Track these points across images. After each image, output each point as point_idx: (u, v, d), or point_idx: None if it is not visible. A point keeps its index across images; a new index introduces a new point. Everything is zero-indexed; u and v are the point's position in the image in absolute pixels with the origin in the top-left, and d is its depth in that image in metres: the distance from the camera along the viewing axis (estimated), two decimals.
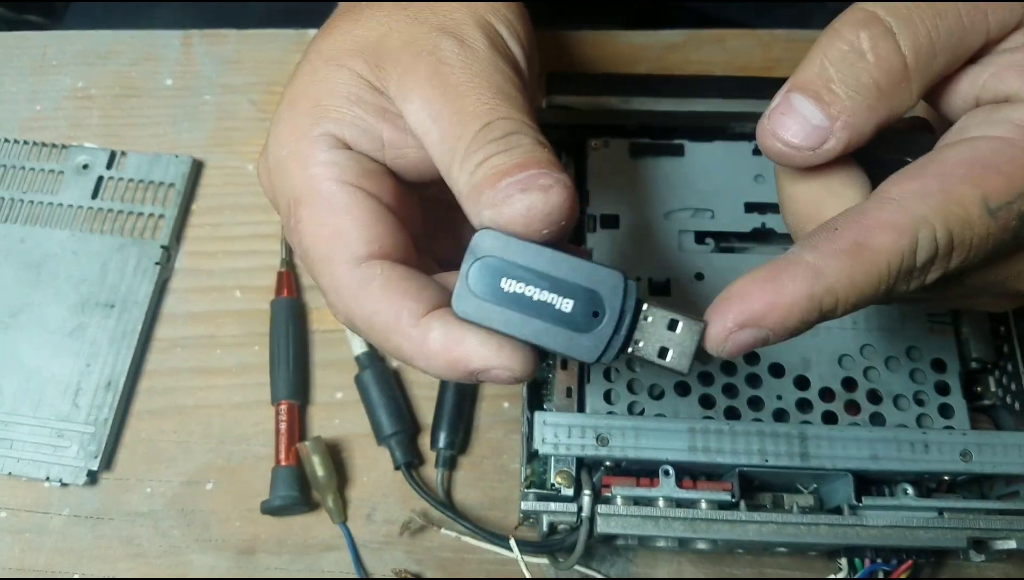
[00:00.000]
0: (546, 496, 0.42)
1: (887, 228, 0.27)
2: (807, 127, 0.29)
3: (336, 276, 0.31)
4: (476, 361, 0.29)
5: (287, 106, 0.34)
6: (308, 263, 0.32)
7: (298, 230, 0.32)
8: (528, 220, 0.28)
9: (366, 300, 0.30)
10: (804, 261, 0.28)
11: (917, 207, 0.28)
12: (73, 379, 0.50)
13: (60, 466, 0.48)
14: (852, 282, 0.27)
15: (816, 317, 0.28)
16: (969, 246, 0.28)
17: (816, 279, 0.27)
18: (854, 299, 0.28)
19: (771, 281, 0.28)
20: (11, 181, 0.56)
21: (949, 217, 0.28)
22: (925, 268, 0.28)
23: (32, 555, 0.48)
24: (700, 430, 0.41)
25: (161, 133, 0.59)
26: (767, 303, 0.27)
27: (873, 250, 0.27)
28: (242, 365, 0.52)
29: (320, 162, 0.32)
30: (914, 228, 0.27)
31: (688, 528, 0.41)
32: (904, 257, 0.28)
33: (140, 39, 0.62)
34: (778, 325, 0.27)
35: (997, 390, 0.47)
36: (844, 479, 0.42)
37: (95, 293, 0.53)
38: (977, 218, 0.28)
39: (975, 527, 0.41)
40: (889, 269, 0.28)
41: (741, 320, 0.28)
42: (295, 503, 0.47)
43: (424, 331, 0.29)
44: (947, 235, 0.28)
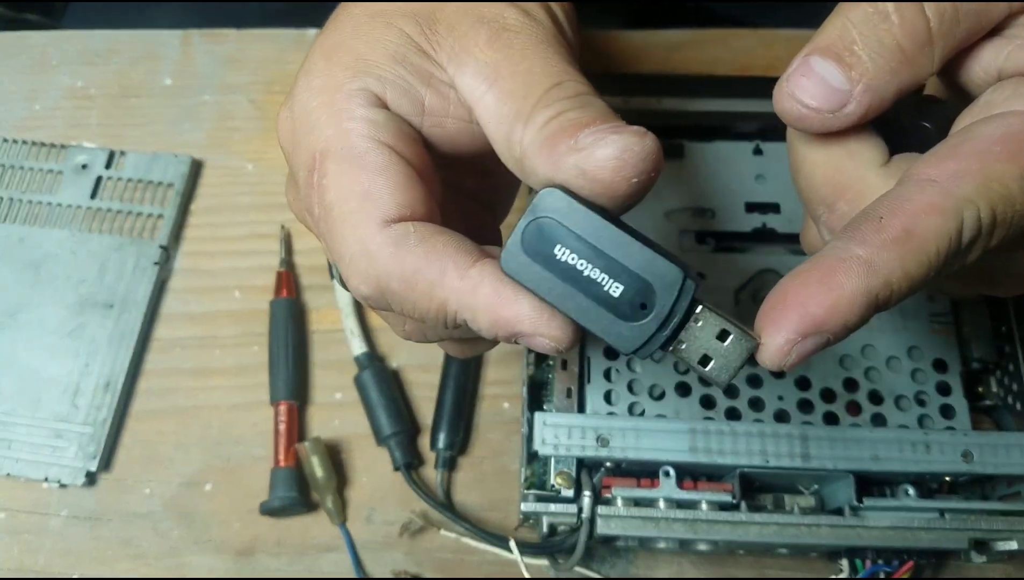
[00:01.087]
0: (546, 497, 0.42)
1: (933, 212, 0.27)
2: (827, 89, 0.28)
3: (367, 237, 0.28)
4: (525, 325, 0.28)
5: (322, 56, 0.32)
6: (328, 222, 0.29)
7: (321, 185, 0.29)
8: (621, 163, 0.26)
9: (405, 257, 0.28)
10: (856, 256, 0.26)
11: (960, 188, 0.27)
12: (72, 379, 0.50)
13: (59, 467, 0.48)
14: (905, 271, 0.27)
15: (872, 312, 0.27)
16: (1010, 223, 0.28)
17: (872, 274, 0.26)
18: (907, 288, 0.27)
19: (826, 282, 0.26)
20: (10, 181, 0.56)
21: (992, 196, 0.27)
22: (969, 248, 0.28)
23: (31, 556, 0.47)
24: (701, 431, 0.41)
25: (160, 133, 0.59)
26: (827, 307, 0.26)
27: (922, 237, 0.27)
28: (241, 366, 0.52)
29: (357, 117, 0.30)
30: (959, 210, 0.27)
31: (689, 529, 0.41)
32: (952, 239, 0.27)
33: (139, 38, 0.62)
34: (839, 327, 0.26)
35: (999, 390, 0.47)
36: (845, 480, 0.41)
37: (94, 293, 0.52)
38: (1019, 194, 0.27)
39: (976, 528, 0.41)
40: (939, 253, 0.27)
41: (803, 329, 0.26)
42: (294, 504, 0.47)
43: (473, 283, 0.28)
44: (991, 214, 0.27)
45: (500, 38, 0.30)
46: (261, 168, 0.58)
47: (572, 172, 0.27)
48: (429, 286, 0.28)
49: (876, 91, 0.28)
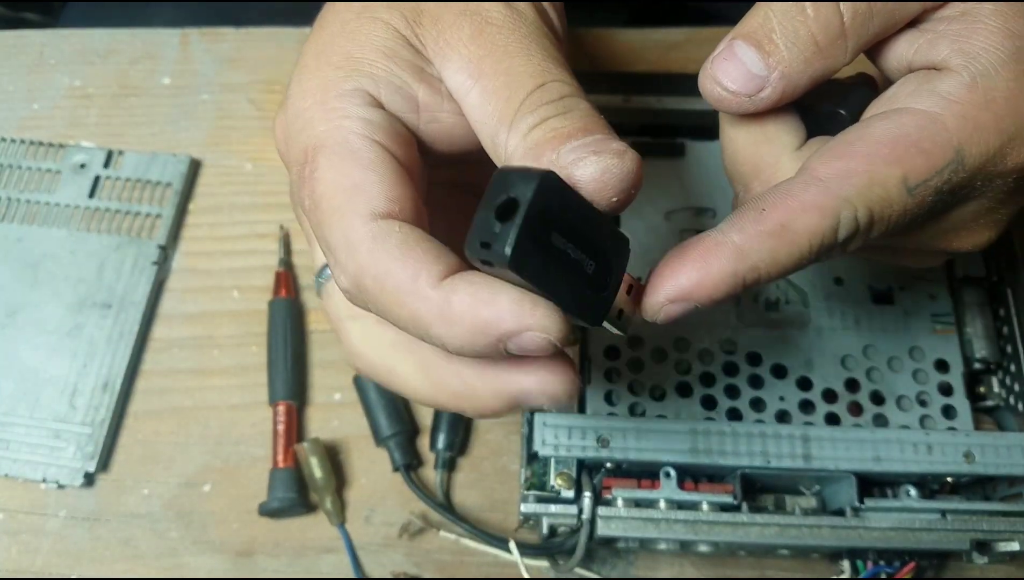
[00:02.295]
0: (546, 498, 0.42)
1: (811, 210, 0.29)
2: (746, 74, 0.30)
3: (350, 229, 0.28)
4: (510, 321, 0.26)
5: (313, 57, 0.32)
6: (318, 215, 0.29)
7: (312, 178, 0.29)
8: (601, 184, 0.27)
9: (381, 256, 0.27)
10: (731, 242, 0.29)
11: (841, 189, 0.29)
12: (70, 380, 0.50)
13: (57, 467, 0.48)
14: (775, 259, 0.29)
15: (740, 289, 0.29)
16: (887, 222, 0.30)
17: (741, 259, 0.29)
18: (776, 273, 0.29)
19: (699, 261, 0.29)
20: (8, 180, 0.56)
21: (871, 198, 0.29)
22: (845, 244, 0.30)
23: (29, 557, 0.47)
24: (702, 431, 0.41)
25: (159, 132, 0.59)
26: (695, 281, 0.29)
27: (796, 232, 0.29)
28: (240, 366, 0.52)
29: (351, 116, 0.30)
30: (837, 210, 0.29)
31: (690, 530, 0.41)
32: (825, 236, 0.29)
33: (138, 38, 0.62)
34: (704, 298, 0.29)
35: (1000, 391, 0.47)
36: (847, 481, 0.41)
37: (92, 293, 0.52)
38: (896, 197, 0.29)
39: (978, 529, 0.41)
40: (811, 248, 0.29)
41: (672, 295, 0.29)
42: (293, 505, 0.47)
43: (447, 292, 0.27)
44: (868, 215, 0.29)
45: (483, 33, 0.30)
46: (260, 168, 0.58)
47: None
48: (398, 291, 0.27)
49: (790, 79, 0.30)
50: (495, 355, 0.27)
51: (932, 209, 0.31)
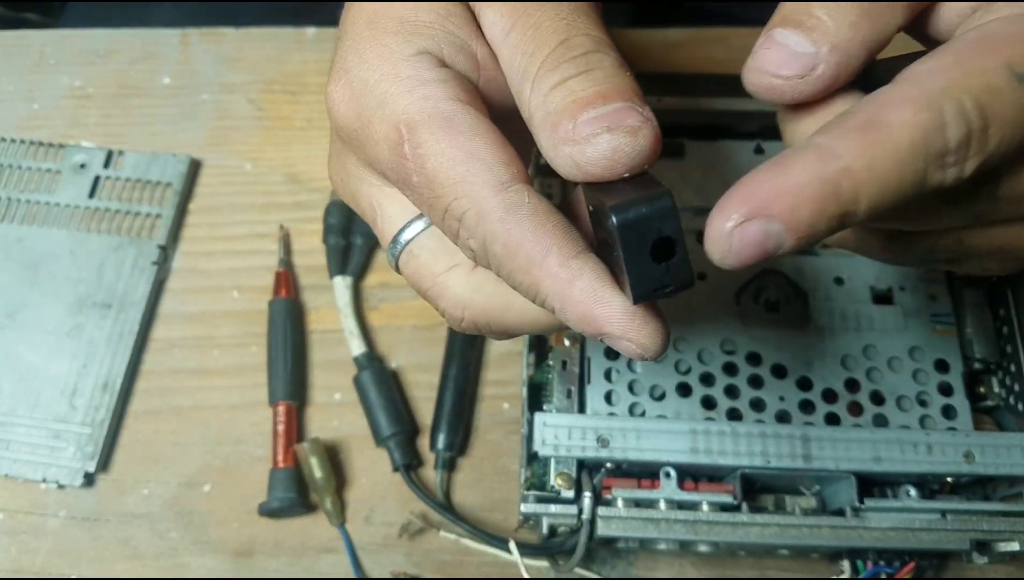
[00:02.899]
0: (546, 498, 0.42)
1: (903, 103, 0.25)
2: (793, 56, 0.27)
3: (480, 199, 0.28)
4: (615, 327, 0.27)
5: (365, 27, 0.30)
6: (435, 189, 0.28)
7: (417, 156, 0.28)
8: (611, 163, 0.26)
9: (513, 228, 0.27)
10: (814, 143, 0.25)
11: (935, 80, 0.25)
12: (70, 380, 0.50)
13: (57, 467, 0.48)
14: (871, 163, 0.24)
15: (835, 207, 0.24)
16: (1004, 120, 0.25)
17: (828, 159, 0.24)
18: (877, 185, 0.25)
19: (778, 166, 0.25)
20: (8, 180, 0.56)
21: (972, 87, 0.25)
22: (961, 149, 0.25)
23: (28, 557, 0.47)
24: (702, 431, 0.41)
25: (159, 132, 0.59)
26: (774, 188, 0.24)
27: (890, 126, 0.24)
28: (240, 366, 0.52)
29: (430, 80, 0.29)
30: (934, 101, 0.25)
31: (690, 530, 0.41)
32: (928, 133, 0.25)
33: (138, 38, 0.62)
34: (789, 214, 0.24)
35: (1000, 391, 0.47)
36: (847, 481, 0.41)
37: (92, 293, 0.52)
38: (1005, 85, 0.25)
39: (978, 529, 0.41)
40: (913, 147, 0.24)
41: (745, 210, 0.24)
42: (293, 505, 0.47)
43: (572, 274, 0.27)
44: (976, 107, 0.25)
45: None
46: (260, 168, 0.58)
47: (567, 162, 0.27)
48: (528, 262, 0.28)
49: (843, 49, 0.27)
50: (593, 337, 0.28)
51: None
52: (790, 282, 0.47)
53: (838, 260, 0.47)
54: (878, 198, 0.25)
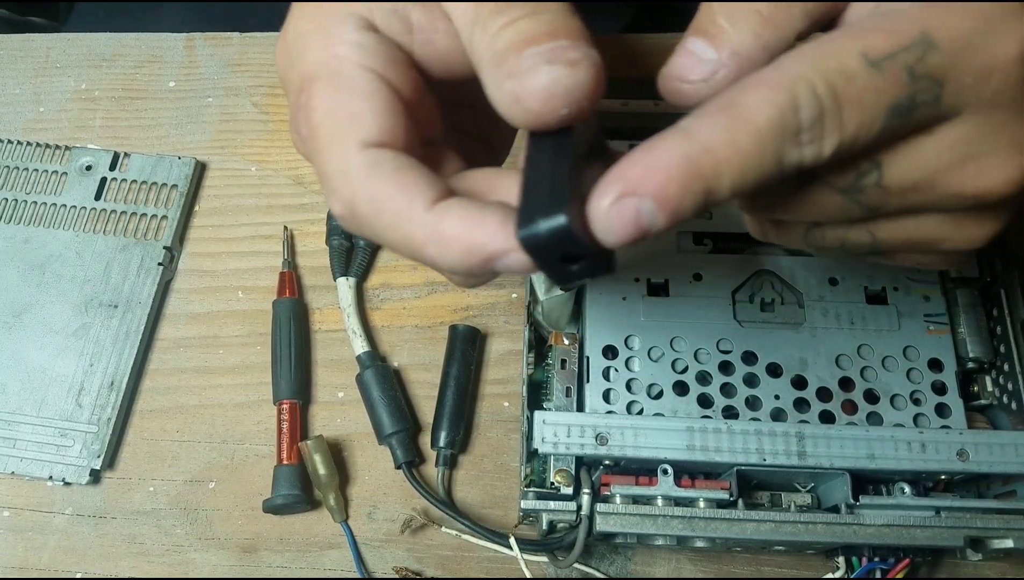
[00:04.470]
0: (546, 495, 0.43)
1: (760, 85, 0.27)
2: (699, 62, 0.29)
3: (345, 156, 0.29)
4: (498, 242, 0.27)
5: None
6: (313, 143, 0.30)
7: (308, 106, 0.30)
8: (550, 96, 0.27)
9: (377, 183, 0.28)
10: (681, 126, 0.27)
11: (792, 65, 0.27)
12: (77, 379, 0.51)
13: (63, 465, 0.49)
14: (730, 141, 0.26)
15: (699, 183, 0.26)
16: (859, 103, 0.27)
17: (690, 138, 0.26)
18: (737, 162, 0.26)
19: (648, 148, 0.26)
20: (15, 182, 0.56)
21: (827, 70, 0.26)
22: (815, 128, 0.27)
23: (35, 554, 0.48)
24: (698, 429, 0.42)
25: (164, 135, 0.59)
26: (643, 167, 0.26)
27: (748, 107, 0.26)
28: (244, 365, 0.52)
29: (346, 42, 0.30)
30: (789, 84, 0.26)
31: (686, 527, 0.41)
32: (784, 113, 0.26)
33: (143, 41, 0.62)
34: (659, 192, 0.25)
35: (994, 390, 0.47)
36: (841, 478, 0.42)
37: (99, 293, 0.53)
38: (859, 70, 0.27)
39: (972, 526, 0.41)
40: (769, 126, 0.26)
41: (619, 189, 0.26)
42: (297, 502, 0.48)
43: (439, 215, 0.28)
44: (828, 89, 0.26)
45: None
46: (264, 170, 0.58)
47: (508, 99, 0.27)
48: (395, 215, 0.28)
49: (743, 54, 0.28)
50: (485, 274, 0.29)
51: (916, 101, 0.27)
52: (785, 282, 0.47)
53: (833, 261, 0.48)
54: (740, 175, 0.26)
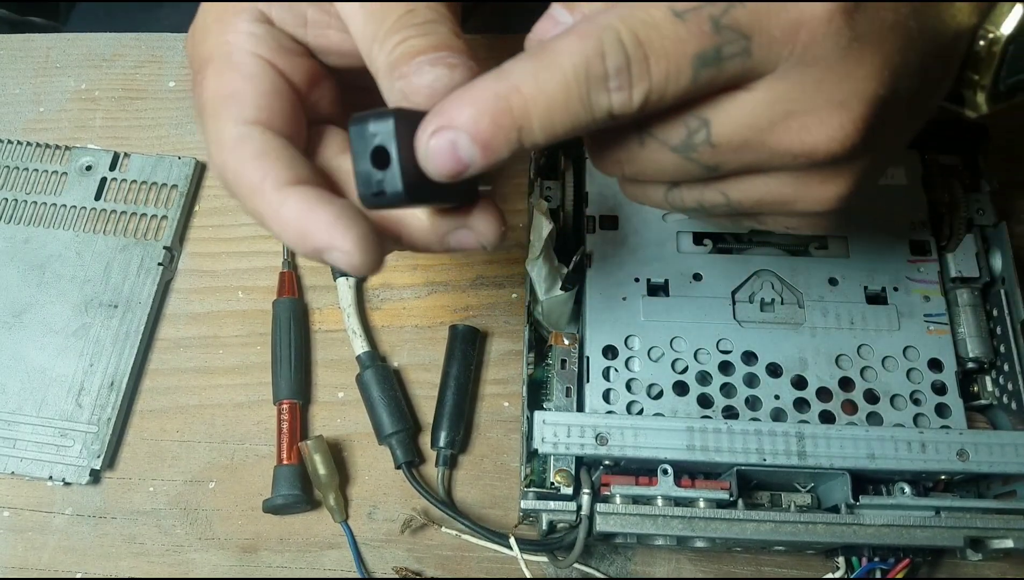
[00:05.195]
0: (546, 495, 0.43)
1: (570, 34, 0.28)
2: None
3: (220, 130, 0.32)
4: (321, 238, 0.30)
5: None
6: (201, 117, 0.33)
7: (200, 85, 0.33)
8: (432, 91, 0.29)
9: (239, 157, 0.31)
10: (497, 68, 0.28)
11: (601, 17, 0.28)
12: (76, 379, 0.51)
13: (63, 465, 0.49)
14: (537, 84, 0.28)
15: (509, 120, 0.28)
16: (664, 52, 0.28)
17: (502, 78, 0.28)
18: (544, 103, 0.28)
19: (465, 88, 0.28)
20: (15, 182, 0.56)
21: (633, 21, 0.28)
22: (621, 75, 0.28)
23: (35, 554, 0.48)
24: (698, 429, 0.42)
25: (164, 135, 0.59)
26: (458, 101, 0.28)
27: (555, 52, 0.28)
28: (244, 365, 0.52)
29: (239, 31, 0.33)
30: (597, 33, 0.28)
31: (686, 527, 0.41)
32: (588, 59, 0.28)
33: (143, 41, 0.63)
34: (471, 126, 0.28)
35: (994, 390, 0.47)
36: (841, 478, 0.42)
37: (99, 293, 0.53)
38: (663, 21, 0.28)
39: (972, 526, 0.41)
40: (574, 70, 0.28)
41: (437, 122, 0.28)
42: (297, 502, 0.48)
43: (283, 198, 0.30)
44: (633, 38, 0.28)
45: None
46: None
47: (398, 97, 0.30)
48: (250, 189, 0.31)
49: None
50: (320, 260, 0.31)
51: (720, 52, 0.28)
52: (785, 282, 0.47)
53: (832, 261, 0.48)
54: (547, 116, 0.28)
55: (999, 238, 0.49)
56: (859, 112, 0.30)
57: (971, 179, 0.50)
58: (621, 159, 0.33)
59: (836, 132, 0.30)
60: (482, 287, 0.54)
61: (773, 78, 0.29)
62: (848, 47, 0.29)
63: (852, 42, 0.28)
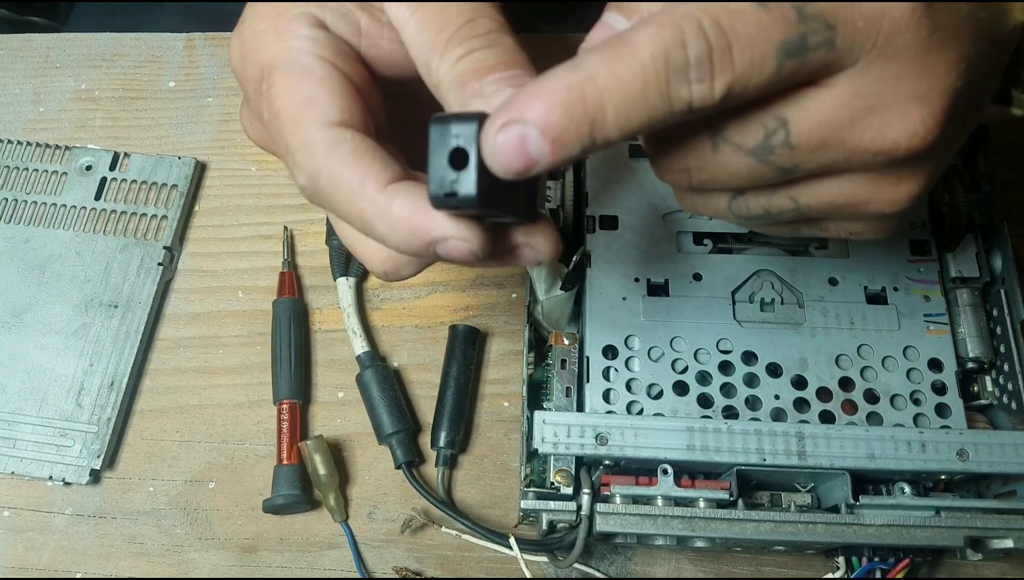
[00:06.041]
0: (546, 495, 0.43)
1: (648, 24, 0.27)
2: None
3: (307, 135, 0.31)
4: (439, 228, 0.29)
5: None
6: (277, 125, 0.32)
7: (269, 94, 0.32)
8: None
9: (335, 161, 0.31)
10: (570, 60, 0.27)
11: (680, 5, 0.27)
12: (77, 379, 0.51)
13: (63, 465, 0.49)
14: (614, 74, 0.26)
15: (582, 113, 0.26)
16: (747, 40, 0.27)
17: (576, 70, 0.27)
18: (621, 94, 0.27)
19: (536, 81, 0.27)
20: (15, 182, 0.56)
21: (715, 9, 0.27)
22: (703, 64, 0.27)
23: (35, 554, 0.48)
24: (698, 429, 0.42)
25: (164, 135, 0.59)
26: (529, 95, 0.27)
27: (632, 43, 0.27)
28: (244, 365, 0.52)
29: (300, 36, 0.33)
30: (676, 21, 0.27)
31: (686, 527, 0.41)
32: (668, 48, 0.26)
33: (143, 41, 0.63)
34: (541, 118, 0.26)
35: (994, 390, 0.47)
36: (841, 478, 0.42)
37: (99, 293, 0.53)
38: (747, 8, 0.27)
39: (972, 526, 0.41)
40: (653, 60, 0.26)
41: (506, 116, 0.27)
42: (297, 502, 0.48)
43: (390, 197, 0.30)
44: (716, 26, 0.27)
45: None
46: (264, 170, 0.58)
47: None
48: (350, 192, 0.31)
49: None
50: (427, 256, 0.31)
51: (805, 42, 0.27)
52: (785, 282, 0.47)
53: (832, 261, 0.48)
54: (623, 108, 0.27)
55: (999, 238, 0.49)
56: (939, 105, 0.29)
57: (971, 179, 0.50)
58: (690, 166, 0.32)
59: (918, 127, 0.29)
60: (482, 287, 0.54)
61: (854, 72, 0.28)
62: (928, 39, 0.28)
63: (931, 34, 0.28)
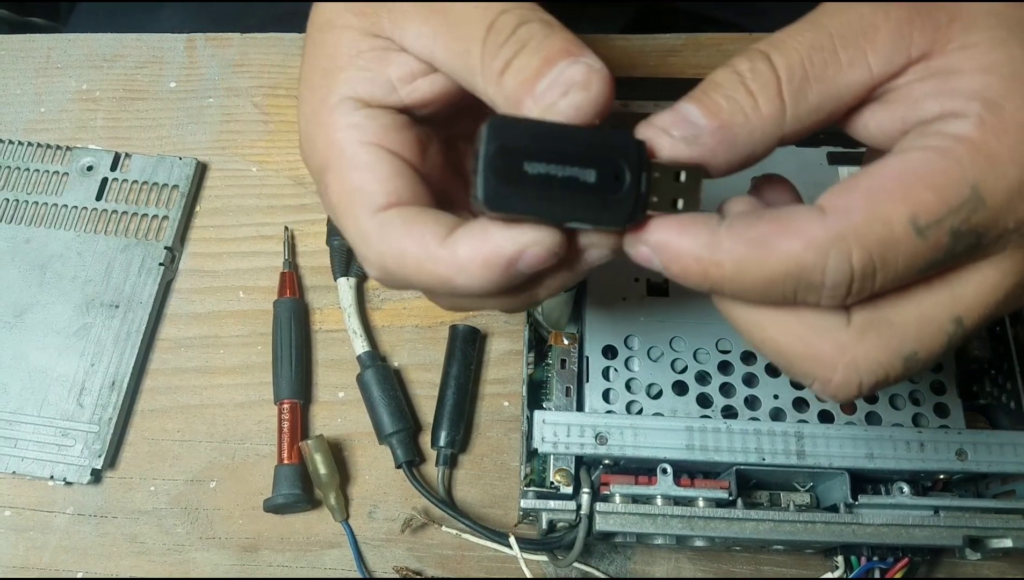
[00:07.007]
0: (545, 494, 0.43)
1: (798, 236, 0.27)
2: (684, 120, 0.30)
3: (360, 225, 0.31)
4: (508, 246, 0.29)
5: (304, 84, 0.35)
6: (337, 221, 0.33)
7: (326, 194, 0.33)
8: (580, 116, 0.28)
9: (391, 239, 0.31)
10: (712, 226, 0.28)
11: (838, 224, 0.27)
12: (78, 378, 0.51)
13: (64, 465, 0.49)
14: (740, 269, 0.28)
15: (699, 280, 0.28)
16: (895, 267, 0.27)
17: (709, 247, 0.28)
18: (741, 287, 0.28)
19: (681, 225, 0.29)
20: (16, 182, 0.56)
21: (871, 238, 0.27)
22: (837, 289, 0.27)
23: (36, 553, 0.48)
24: (698, 429, 0.42)
25: (165, 135, 0.60)
26: (661, 241, 0.29)
27: (774, 251, 0.27)
28: (245, 365, 0.53)
29: (341, 127, 0.33)
30: (826, 246, 0.27)
31: (686, 526, 0.41)
32: (805, 269, 0.27)
33: (144, 42, 0.63)
34: (667, 262, 0.29)
35: (993, 389, 0.47)
36: (840, 477, 0.42)
37: (100, 293, 0.53)
38: (903, 238, 0.27)
39: (971, 525, 0.42)
40: (786, 275, 0.27)
41: (645, 242, 0.29)
42: (297, 501, 0.48)
43: (452, 246, 0.30)
44: (866, 262, 0.27)
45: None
46: (265, 171, 0.58)
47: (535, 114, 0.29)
48: (417, 260, 0.30)
49: (729, 129, 0.29)
50: (515, 283, 0.30)
51: (952, 252, 0.28)
52: None
53: None
54: (739, 291, 0.28)
55: None
56: None
57: None
58: None
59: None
60: None
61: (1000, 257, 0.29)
62: None
63: None
